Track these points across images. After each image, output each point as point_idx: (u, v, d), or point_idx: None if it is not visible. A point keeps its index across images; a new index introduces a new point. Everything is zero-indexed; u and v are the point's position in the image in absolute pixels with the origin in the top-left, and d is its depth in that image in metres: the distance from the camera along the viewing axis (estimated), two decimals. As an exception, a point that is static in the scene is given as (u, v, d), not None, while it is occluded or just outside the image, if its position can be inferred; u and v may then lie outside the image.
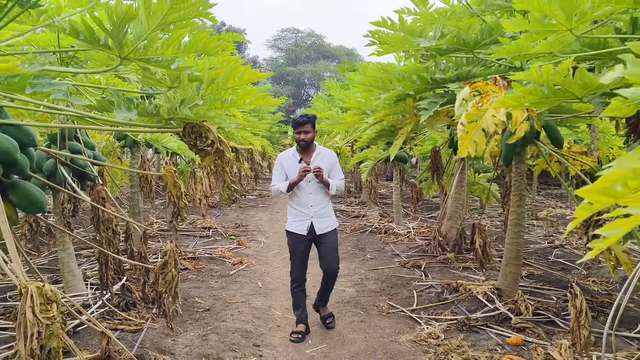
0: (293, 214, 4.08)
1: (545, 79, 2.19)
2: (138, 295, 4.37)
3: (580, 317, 2.93)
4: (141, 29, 2.20)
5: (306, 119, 4.01)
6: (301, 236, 4.01)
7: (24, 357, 2.09)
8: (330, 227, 4.07)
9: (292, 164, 4.04)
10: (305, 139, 3.99)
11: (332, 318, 4.24)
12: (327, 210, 4.10)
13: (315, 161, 4.04)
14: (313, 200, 4.01)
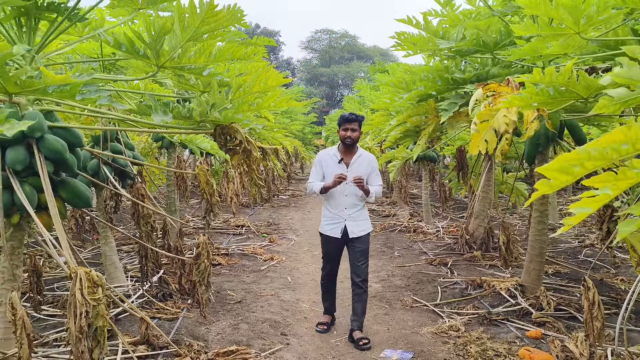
0: (327, 216, 4.01)
1: (548, 80, 2.32)
2: (174, 287, 4.66)
3: (592, 309, 3.02)
4: (176, 40, 2.44)
5: (354, 117, 3.89)
6: (335, 239, 3.96)
7: (74, 334, 2.36)
8: (364, 230, 3.98)
9: (331, 164, 3.97)
10: (352, 136, 3.89)
11: (367, 340, 3.83)
12: (362, 213, 4.01)
13: (355, 164, 3.96)
14: (348, 203, 3.93)
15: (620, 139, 1.19)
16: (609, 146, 1.21)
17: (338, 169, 3.90)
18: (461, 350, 3.63)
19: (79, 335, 2.33)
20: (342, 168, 3.92)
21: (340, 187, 3.88)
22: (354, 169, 3.92)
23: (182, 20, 2.36)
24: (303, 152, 15.31)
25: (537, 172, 1.30)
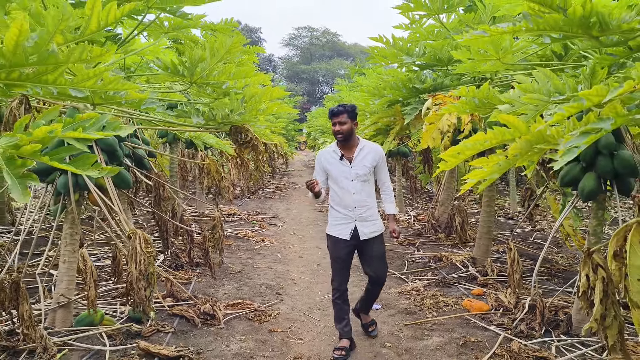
0: (334, 216, 3.65)
1: (471, 95, 3.31)
2: (184, 259, 5.57)
3: (513, 265, 4.03)
4: (206, 64, 3.36)
5: (342, 109, 3.51)
6: (343, 241, 3.59)
7: (134, 275, 3.27)
8: (376, 232, 3.63)
9: (332, 162, 3.61)
10: (341, 130, 3.50)
11: (374, 326, 3.91)
12: (373, 212, 3.63)
13: (358, 158, 3.59)
14: (357, 201, 3.56)
15: (482, 138, 2.15)
16: (477, 142, 2.18)
17: (342, 166, 3.57)
18: (419, 302, 4.62)
19: (138, 276, 3.25)
20: (345, 165, 3.58)
21: (347, 183, 3.56)
22: (357, 163, 3.58)
23: (212, 50, 3.27)
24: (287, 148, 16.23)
25: (440, 156, 2.21)
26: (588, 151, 3.72)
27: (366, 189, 3.61)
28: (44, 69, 1.77)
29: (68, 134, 2.17)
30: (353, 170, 3.57)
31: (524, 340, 3.65)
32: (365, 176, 3.60)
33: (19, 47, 1.60)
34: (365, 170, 3.58)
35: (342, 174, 3.59)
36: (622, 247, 1.72)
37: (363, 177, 3.58)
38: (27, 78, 1.82)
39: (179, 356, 3.33)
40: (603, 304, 1.97)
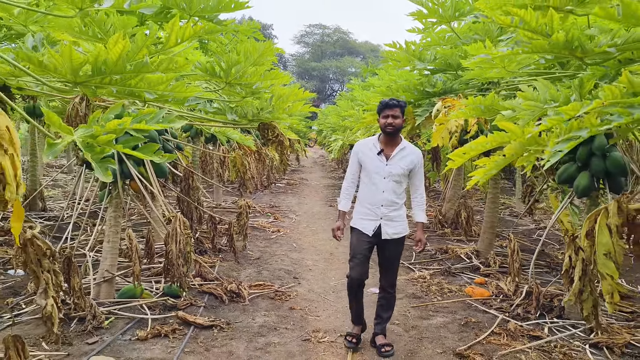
0: (361, 212, 3.58)
1: (478, 102, 3.69)
2: (208, 245, 6.00)
3: (513, 255, 4.43)
4: (240, 67, 3.77)
5: (396, 102, 3.44)
6: (365, 236, 3.52)
7: (175, 253, 3.70)
8: (399, 233, 3.54)
9: (370, 155, 3.52)
10: (393, 123, 3.41)
11: (390, 347, 3.56)
12: (400, 213, 3.54)
13: (396, 157, 3.48)
14: (385, 200, 3.46)
15: (484, 140, 2.55)
16: (480, 144, 2.58)
17: (378, 161, 3.49)
18: (425, 288, 5.03)
19: (178, 254, 3.68)
20: (381, 161, 3.49)
21: (379, 180, 3.47)
22: (394, 162, 3.47)
23: (246, 54, 3.68)
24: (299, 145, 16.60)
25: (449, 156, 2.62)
26: (583, 152, 4.10)
27: (397, 190, 3.49)
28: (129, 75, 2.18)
29: (135, 126, 2.59)
30: (388, 167, 3.46)
31: (520, 321, 4.04)
32: (399, 177, 3.47)
33: (121, 59, 2.01)
34: (400, 171, 3.45)
35: (375, 169, 3.48)
36: (593, 228, 2.10)
37: (396, 178, 3.45)
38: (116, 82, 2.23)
39: (211, 325, 3.76)
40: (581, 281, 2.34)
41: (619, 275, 2.18)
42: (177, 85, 2.59)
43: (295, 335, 3.81)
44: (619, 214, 2.04)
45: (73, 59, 2.11)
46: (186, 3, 3.61)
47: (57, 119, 2.38)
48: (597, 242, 2.07)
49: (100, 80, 2.22)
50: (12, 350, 2.13)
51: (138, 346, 3.40)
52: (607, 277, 2.09)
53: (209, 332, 3.71)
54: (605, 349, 3.56)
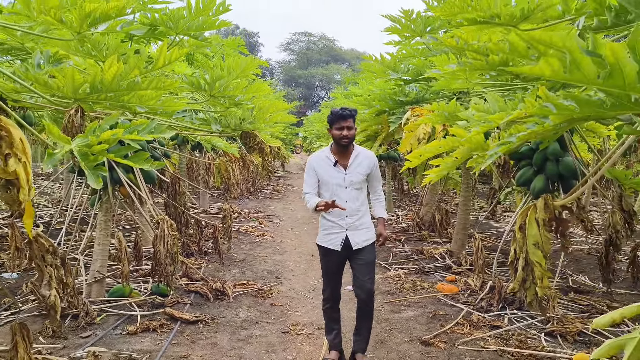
0: (325, 225, 3.47)
1: (441, 109, 4.04)
2: (194, 248, 6.27)
3: (478, 252, 4.78)
4: (224, 81, 4.08)
5: (349, 113, 3.32)
6: (335, 252, 3.42)
7: (162, 253, 3.98)
8: (368, 240, 3.45)
9: (326, 167, 3.43)
10: (349, 135, 3.32)
11: None
12: (365, 221, 3.46)
13: (353, 165, 3.41)
14: (349, 209, 3.37)
15: (437, 144, 2.89)
16: (434, 147, 2.92)
17: (336, 173, 3.40)
18: (399, 286, 5.36)
19: (165, 254, 3.96)
20: (339, 172, 3.40)
21: (340, 191, 3.39)
22: (352, 170, 3.41)
23: (230, 68, 3.99)
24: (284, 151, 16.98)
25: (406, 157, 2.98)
26: (538, 157, 4.49)
27: (360, 197, 3.43)
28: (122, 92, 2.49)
29: (127, 136, 2.89)
30: (348, 177, 3.39)
31: (483, 313, 4.39)
32: (360, 184, 3.42)
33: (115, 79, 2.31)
34: (360, 178, 3.41)
35: (336, 181, 3.39)
36: (524, 222, 2.44)
37: (357, 185, 3.40)
38: (111, 98, 2.53)
39: (197, 320, 4.05)
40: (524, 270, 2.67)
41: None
42: (166, 100, 2.89)
43: (275, 328, 4.11)
44: (546, 210, 2.38)
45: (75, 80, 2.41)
46: (173, 22, 3.92)
47: (57, 130, 2.68)
48: (527, 234, 2.41)
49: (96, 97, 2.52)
50: (19, 336, 2.41)
51: (128, 339, 3.68)
52: (536, 264, 2.43)
53: (195, 327, 4.00)
54: (559, 337, 3.92)
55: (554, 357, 3.53)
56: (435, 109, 4.05)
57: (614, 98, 1.39)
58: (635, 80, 1.18)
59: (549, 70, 1.20)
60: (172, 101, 2.98)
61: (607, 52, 1.13)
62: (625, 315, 1.31)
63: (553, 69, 1.20)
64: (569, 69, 1.19)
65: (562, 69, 1.20)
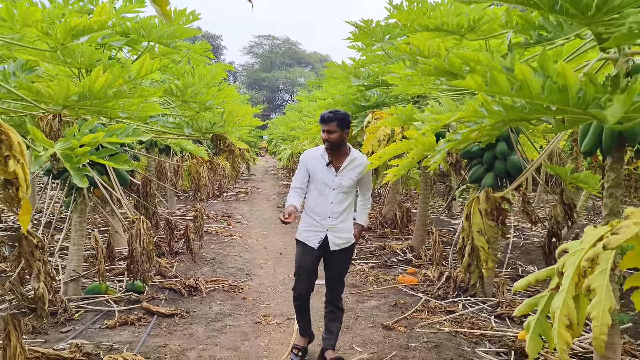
0: (306, 222, 3.48)
1: (399, 112, 4.38)
2: (165, 248, 6.44)
3: (435, 245, 5.15)
4: (195, 87, 4.31)
5: (332, 116, 3.33)
6: (311, 249, 3.43)
7: (138, 251, 4.18)
8: (347, 242, 3.50)
9: (319, 166, 3.43)
10: (329, 139, 3.34)
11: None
12: (347, 225, 3.48)
13: (347, 168, 3.42)
14: (332, 212, 3.39)
15: (395, 146, 3.21)
16: (392, 149, 3.24)
17: (327, 172, 3.41)
18: (363, 279, 5.68)
19: (142, 251, 4.16)
20: (330, 172, 3.42)
21: (328, 192, 3.40)
22: (344, 174, 3.42)
23: (200, 76, 4.23)
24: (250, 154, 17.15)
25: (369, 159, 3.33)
26: (488, 156, 4.89)
27: (346, 201, 3.43)
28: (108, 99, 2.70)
29: (107, 139, 3.10)
30: (337, 179, 3.39)
31: (440, 301, 4.75)
32: (348, 188, 3.42)
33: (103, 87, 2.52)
34: (350, 182, 3.40)
35: (324, 180, 3.39)
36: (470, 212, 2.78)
37: (345, 189, 3.40)
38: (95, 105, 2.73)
39: (173, 314, 4.26)
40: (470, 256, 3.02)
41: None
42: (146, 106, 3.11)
43: (247, 319, 4.36)
44: (487, 201, 2.73)
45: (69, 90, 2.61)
46: (145, 31, 4.13)
47: (41, 134, 2.88)
48: (472, 222, 2.75)
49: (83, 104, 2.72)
50: (11, 326, 2.59)
51: (108, 332, 3.86)
52: (481, 249, 2.77)
53: (171, 320, 4.20)
54: (507, 319, 4.31)
55: (501, 335, 3.91)
56: (393, 112, 4.38)
57: (530, 105, 1.73)
58: (540, 92, 1.51)
59: (474, 84, 1.52)
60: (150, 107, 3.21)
61: (517, 72, 1.46)
62: (539, 278, 1.64)
63: (477, 83, 1.52)
64: (489, 83, 1.52)
65: (484, 83, 1.52)
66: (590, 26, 1.79)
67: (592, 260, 1.35)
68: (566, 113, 1.63)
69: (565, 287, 1.39)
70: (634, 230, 1.24)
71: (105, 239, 5.76)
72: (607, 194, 3.02)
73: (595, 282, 1.32)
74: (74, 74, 4.28)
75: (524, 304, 1.66)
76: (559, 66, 1.40)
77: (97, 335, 3.80)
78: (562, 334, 1.36)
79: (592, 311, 1.30)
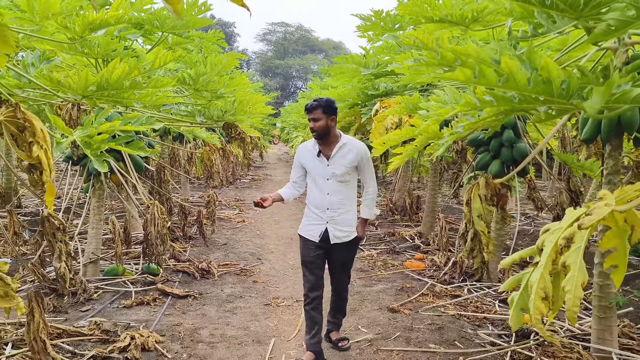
0: (307, 215, 3.41)
1: (406, 101, 4.47)
2: (179, 233, 6.63)
3: (442, 231, 5.25)
4: (206, 76, 4.44)
5: (316, 104, 3.22)
6: (312, 243, 3.34)
7: (153, 234, 4.35)
8: (349, 235, 3.36)
9: (310, 157, 3.35)
10: (314, 127, 3.23)
11: (346, 341, 3.58)
12: (348, 217, 3.34)
13: (337, 155, 3.27)
14: (330, 203, 3.28)
15: (399, 133, 3.31)
16: (396, 136, 3.34)
17: (319, 163, 3.32)
18: (372, 264, 5.82)
19: (156, 235, 4.33)
20: (322, 162, 3.31)
21: (323, 182, 3.30)
22: (335, 162, 3.28)
23: (212, 64, 4.35)
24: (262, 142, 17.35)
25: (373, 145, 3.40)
26: (495, 144, 4.96)
27: (344, 191, 3.30)
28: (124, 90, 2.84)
29: (123, 128, 3.25)
30: (330, 168, 3.27)
31: (445, 285, 4.87)
32: (343, 177, 3.28)
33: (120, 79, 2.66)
34: (343, 170, 3.26)
35: (317, 171, 3.31)
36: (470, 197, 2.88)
37: (340, 178, 3.26)
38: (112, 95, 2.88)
39: (186, 295, 4.44)
40: (473, 241, 3.13)
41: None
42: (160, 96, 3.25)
43: (258, 301, 4.52)
44: (487, 187, 2.82)
45: (88, 80, 2.76)
46: (159, 22, 4.26)
47: (61, 122, 3.04)
48: (472, 207, 2.86)
49: (101, 94, 2.87)
50: (34, 302, 2.77)
51: (125, 312, 4.05)
52: (481, 233, 2.88)
53: (185, 301, 4.38)
54: (510, 303, 4.41)
55: (505, 318, 4.02)
56: (400, 101, 4.47)
57: (520, 95, 1.83)
58: (526, 84, 1.61)
59: (462, 77, 1.62)
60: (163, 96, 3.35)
61: (503, 65, 1.56)
62: (522, 256, 1.75)
63: (466, 75, 1.62)
64: (477, 76, 1.62)
65: (472, 76, 1.62)
66: (579, 20, 1.87)
67: (569, 239, 1.46)
68: (553, 103, 1.73)
69: (543, 263, 1.51)
70: (606, 211, 1.35)
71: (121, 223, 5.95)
72: (606, 180, 3.10)
73: (570, 258, 1.43)
74: (91, 63, 4.43)
75: (509, 280, 1.77)
76: (542, 59, 1.50)
77: (115, 314, 3.99)
78: (538, 305, 1.48)
79: (566, 285, 1.42)
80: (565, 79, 1.56)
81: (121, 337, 3.35)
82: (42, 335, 2.67)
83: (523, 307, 1.62)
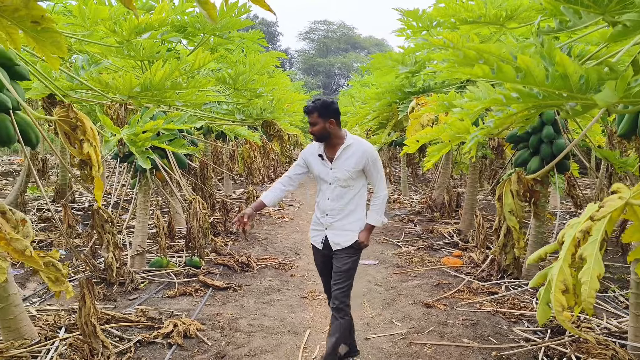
0: (313, 219, 3.27)
1: (442, 99, 4.48)
2: (221, 228, 6.85)
3: (479, 228, 5.23)
4: (245, 75, 4.59)
5: (312, 107, 3.04)
6: (317, 249, 3.25)
7: (195, 228, 4.54)
8: (347, 241, 3.08)
9: (314, 160, 3.16)
10: (312, 131, 3.06)
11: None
12: (348, 221, 3.09)
13: (341, 158, 3.05)
14: (330, 208, 3.09)
15: (431, 131, 3.35)
16: (428, 134, 3.38)
17: (322, 166, 3.11)
18: (408, 260, 5.85)
19: (198, 229, 4.52)
20: (325, 165, 3.10)
21: (325, 187, 3.12)
22: (338, 165, 3.06)
23: (251, 64, 4.50)
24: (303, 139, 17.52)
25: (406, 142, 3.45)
26: (534, 140, 4.90)
27: (347, 196, 3.07)
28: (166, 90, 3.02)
29: (166, 126, 3.43)
30: (333, 172, 3.07)
31: (483, 282, 4.85)
32: (347, 181, 3.06)
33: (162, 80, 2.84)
34: (346, 175, 3.04)
35: (321, 175, 3.12)
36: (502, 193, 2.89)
37: (343, 182, 3.05)
38: (156, 95, 3.07)
39: (226, 287, 4.61)
40: (506, 237, 3.13)
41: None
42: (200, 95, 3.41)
43: (295, 294, 4.65)
44: (519, 183, 2.82)
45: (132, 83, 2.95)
46: (200, 24, 4.44)
47: (110, 121, 3.24)
48: (504, 203, 2.87)
49: (145, 94, 3.05)
50: (86, 289, 2.98)
51: (169, 301, 4.26)
52: (512, 228, 2.89)
53: (225, 292, 4.56)
54: (548, 301, 4.37)
55: (540, 316, 3.99)
56: (435, 99, 4.49)
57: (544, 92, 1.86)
58: (543, 80, 1.65)
59: (481, 73, 1.67)
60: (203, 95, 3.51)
61: (519, 61, 1.61)
62: (547, 251, 1.78)
63: (484, 72, 1.67)
64: (496, 72, 1.67)
65: (491, 72, 1.67)
66: (604, 15, 1.88)
67: (586, 232, 1.49)
68: (574, 99, 1.75)
69: (562, 256, 1.54)
70: (619, 203, 1.38)
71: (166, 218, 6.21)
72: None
73: (586, 251, 1.46)
74: (137, 65, 4.67)
75: (537, 275, 1.80)
76: (557, 55, 1.53)
77: (159, 303, 4.20)
78: (558, 297, 1.52)
79: (582, 277, 1.45)
80: (582, 73, 1.59)
81: (165, 324, 3.54)
82: (93, 320, 2.87)
83: (548, 302, 1.66)
